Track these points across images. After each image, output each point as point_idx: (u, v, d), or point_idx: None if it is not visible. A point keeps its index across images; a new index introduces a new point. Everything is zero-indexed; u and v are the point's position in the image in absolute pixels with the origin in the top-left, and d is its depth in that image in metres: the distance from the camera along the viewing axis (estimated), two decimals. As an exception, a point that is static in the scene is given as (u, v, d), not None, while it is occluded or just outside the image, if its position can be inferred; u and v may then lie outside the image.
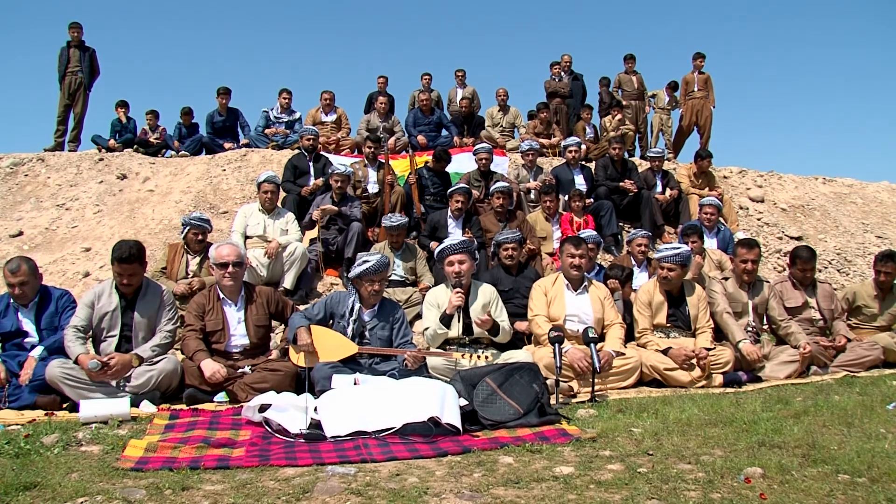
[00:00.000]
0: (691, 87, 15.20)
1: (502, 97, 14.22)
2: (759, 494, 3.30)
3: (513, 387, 5.00)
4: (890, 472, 3.63)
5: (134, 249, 5.75)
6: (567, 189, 10.73)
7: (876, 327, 8.02)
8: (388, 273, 6.31)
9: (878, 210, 15.23)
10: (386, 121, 13.12)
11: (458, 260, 6.38)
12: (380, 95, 13.62)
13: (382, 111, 13.17)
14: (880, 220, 14.68)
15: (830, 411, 5.16)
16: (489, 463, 3.88)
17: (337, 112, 13.38)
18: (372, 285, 6.09)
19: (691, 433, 4.54)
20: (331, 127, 13.10)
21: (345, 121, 13.40)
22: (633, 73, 15.63)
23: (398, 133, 13.08)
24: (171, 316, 6.13)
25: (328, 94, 13.39)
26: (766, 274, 10.41)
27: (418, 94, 14.07)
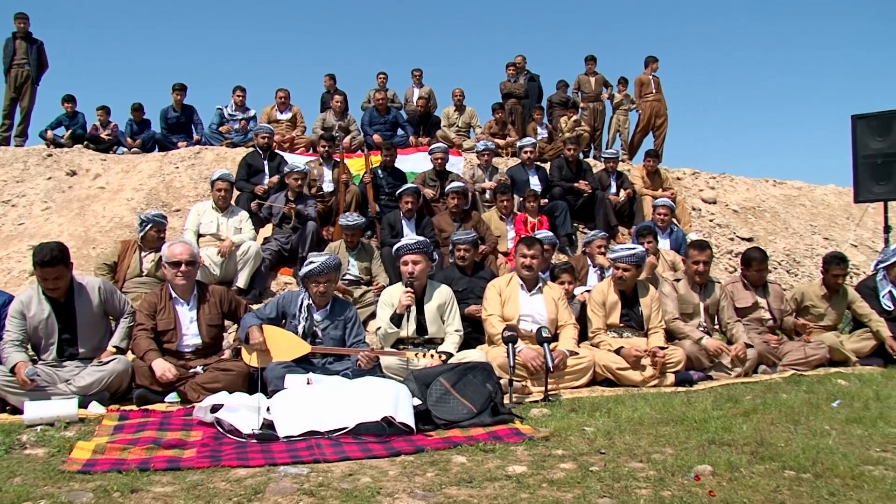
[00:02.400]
0: (648, 89, 15.34)
1: (458, 97, 14.25)
2: (708, 492, 3.35)
3: (466, 386, 5.01)
4: (833, 468, 3.73)
5: (56, 252, 5.53)
6: (522, 189, 10.77)
7: (822, 327, 8.17)
8: (335, 275, 6.22)
9: (825, 212, 15.54)
10: (341, 119, 13.06)
11: (413, 260, 6.38)
12: (334, 94, 13.56)
13: (338, 110, 13.11)
14: (827, 223, 14.97)
15: (778, 409, 5.26)
16: (442, 462, 3.89)
17: (292, 110, 13.30)
18: (317, 286, 6.04)
19: (643, 432, 4.59)
20: (286, 125, 13.00)
21: (300, 119, 13.32)
22: (593, 74, 15.74)
23: (354, 132, 13.03)
24: (120, 298, 6.12)
25: (283, 92, 13.29)
26: (717, 275, 10.56)
27: (374, 94, 14.05)
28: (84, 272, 7.57)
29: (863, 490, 3.43)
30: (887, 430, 4.63)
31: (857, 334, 8.12)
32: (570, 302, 7.31)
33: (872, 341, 7.93)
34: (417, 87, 15.41)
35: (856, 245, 13.88)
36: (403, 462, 3.93)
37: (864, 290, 8.40)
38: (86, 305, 5.84)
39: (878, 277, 8.41)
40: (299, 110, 13.42)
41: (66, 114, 13.41)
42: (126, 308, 6.13)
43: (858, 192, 10.51)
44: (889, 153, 10.06)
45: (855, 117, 10.37)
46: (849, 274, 10.31)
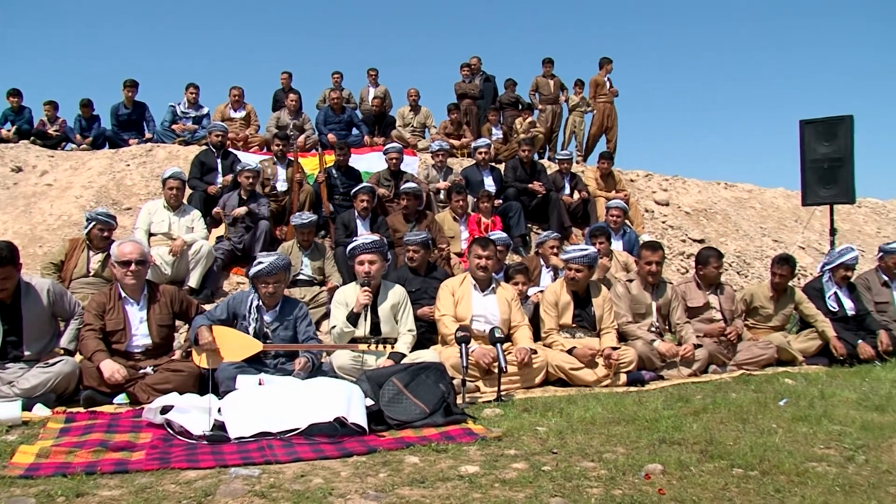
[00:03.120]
0: (602, 90, 15.46)
1: (413, 97, 14.25)
2: (658, 490, 3.39)
3: (419, 387, 5.01)
4: (779, 465, 3.80)
5: (5, 252, 5.42)
6: (476, 190, 10.79)
7: (771, 327, 8.31)
8: (285, 275, 6.19)
9: (774, 215, 15.80)
10: (296, 118, 12.99)
11: (369, 260, 6.35)
12: (290, 92, 13.48)
13: (293, 108, 13.04)
14: (777, 225, 15.22)
15: (727, 408, 5.33)
16: (395, 463, 3.88)
17: (246, 108, 13.19)
18: (266, 287, 6.00)
19: (595, 431, 4.62)
20: (239, 123, 12.90)
21: (254, 117, 13.22)
22: (551, 76, 15.81)
23: (308, 131, 12.96)
24: (70, 300, 6.03)
25: (237, 90, 13.16)
26: (669, 276, 10.67)
27: (329, 93, 13.99)
28: (30, 271, 7.44)
29: (807, 486, 3.51)
30: (831, 428, 4.72)
31: (804, 334, 8.27)
32: (524, 303, 7.34)
33: (818, 341, 8.08)
34: (373, 86, 15.38)
35: (803, 247, 14.14)
36: (356, 463, 3.91)
37: (811, 292, 8.55)
38: (33, 307, 5.72)
39: (824, 279, 8.57)
40: (253, 108, 13.33)
41: (12, 108, 13.17)
42: (76, 309, 6.03)
43: (806, 196, 10.67)
44: (835, 158, 10.23)
45: (803, 122, 10.53)
46: (797, 275, 10.50)
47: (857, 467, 3.87)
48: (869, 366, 7.57)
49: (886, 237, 15.75)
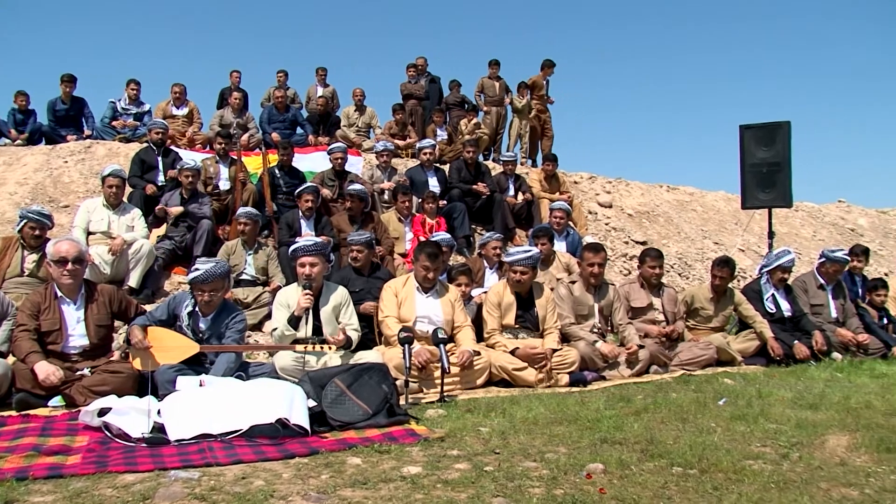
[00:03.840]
0: (539, 92, 15.57)
1: (359, 97, 14.23)
2: (599, 489, 3.41)
3: (362, 387, 4.98)
4: (717, 463, 3.86)
5: None
6: (421, 191, 10.80)
7: (711, 328, 8.46)
8: (223, 283, 6.04)
9: (715, 218, 16.06)
10: (240, 117, 12.85)
11: (310, 262, 6.28)
12: (234, 91, 13.34)
13: (236, 107, 12.90)
14: (717, 227, 15.48)
15: (668, 408, 5.39)
16: (337, 464, 3.86)
17: (188, 106, 13.00)
18: (202, 295, 5.88)
19: (537, 432, 4.64)
20: (182, 121, 12.72)
21: (196, 115, 13.04)
22: (497, 78, 15.87)
23: (252, 130, 12.83)
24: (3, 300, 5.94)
25: (179, 87, 12.98)
26: (612, 277, 10.77)
27: (273, 91, 13.88)
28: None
29: (743, 483, 3.57)
30: (767, 426, 4.81)
31: (743, 335, 8.42)
32: (467, 303, 7.35)
33: (756, 342, 8.24)
34: (322, 86, 15.29)
35: (743, 250, 14.40)
36: (298, 464, 3.87)
37: (750, 293, 8.71)
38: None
39: (763, 281, 8.73)
40: (196, 106, 13.15)
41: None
42: (10, 310, 5.89)
43: (745, 199, 10.85)
44: (773, 163, 10.43)
45: (743, 127, 10.71)
46: (736, 277, 10.69)
47: (792, 464, 3.96)
48: (804, 365, 7.74)
49: (822, 240, 16.11)
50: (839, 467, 3.91)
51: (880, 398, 5.82)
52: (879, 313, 9.45)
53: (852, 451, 4.22)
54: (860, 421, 4.98)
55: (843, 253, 9.11)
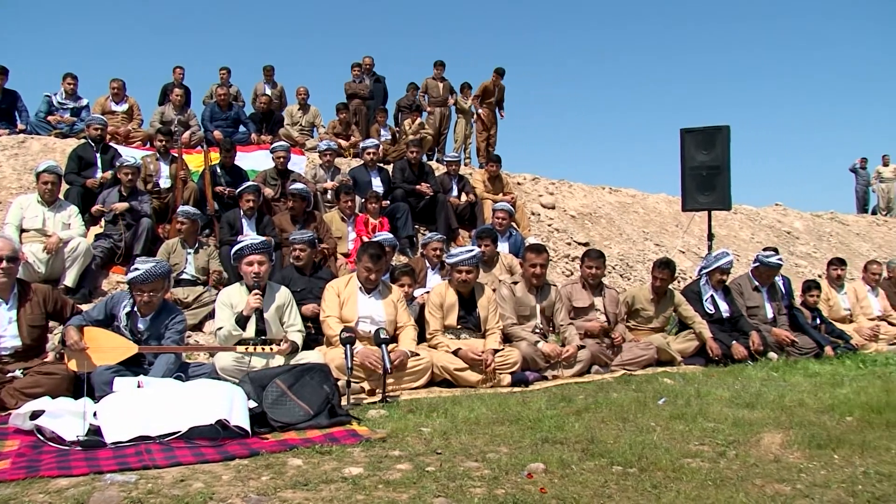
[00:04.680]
0: (489, 97, 15.63)
1: (302, 96, 14.12)
2: (540, 489, 3.43)
3: (303, 388, 4.95)
4: (656, 462, 3.92)
5: None
6: (364, 190, 10.77)
7: (651, 329, 8.57)
8: (162, 283, 5.91)
9: (657, 220, 16.27)
10: (181, 114, 12.65)
11: (258, 261, 6.20)
12: (175, 87, 13.13)
13: (178, 103, 12.70)
14: (658, 229, 15.68)
15: (609, 408, 5.45)
16: (278, 465, 3.83)
17: (128, 102, 12.71)
18: (141, 295, 5.75)
19: (479, 432, 4.66)
20: (121, 117, 12.43)
21: (136, 111, 12.76)
22: (441, 79, 15.89)
23: (193, 127, 12.64)
24: None
25: (117, 83, 12.68)
26: (554, 278, 10.85)
27: (216, 89, 13.70)
28: None
29: (681, 481, 3.63)
30: (705, 425, 4.89)
31: (682, 335, 8.55)
32: (410, 304, 7.34)
33: (696, 342, 8.36)
34: (269, 84, 15.16)
35: (683, 251, 14.61)
36: (238, 466, 3.83)
37: (689, 294, 8.84)
38: None
39: (702, 282, 8.87)
40: (136, 102, 12.85)
41: None
42: None
43: (686, 202, 11.01)
44: (713, 166, 10.60)
45: (683, 131, 10.87)
46: (676, 279, 10.84)
47: (728, 462, 4.03)
48: (742, 365, 7.88)
49: (759, 242, 16.42)
50: (773, 464, 4.01)
51: (813, 396, 5.96)
52: (812, 314, 9.68)
53: (786, 448, 4.33)
54: (793, 419, 5.10)
55: (777, 258, 9.28)
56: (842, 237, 19.43)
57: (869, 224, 21.65)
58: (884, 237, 20.71)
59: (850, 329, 10.02)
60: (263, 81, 15.27)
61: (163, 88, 14.41)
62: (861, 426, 4.92)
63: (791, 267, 15.27)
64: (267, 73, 15.30)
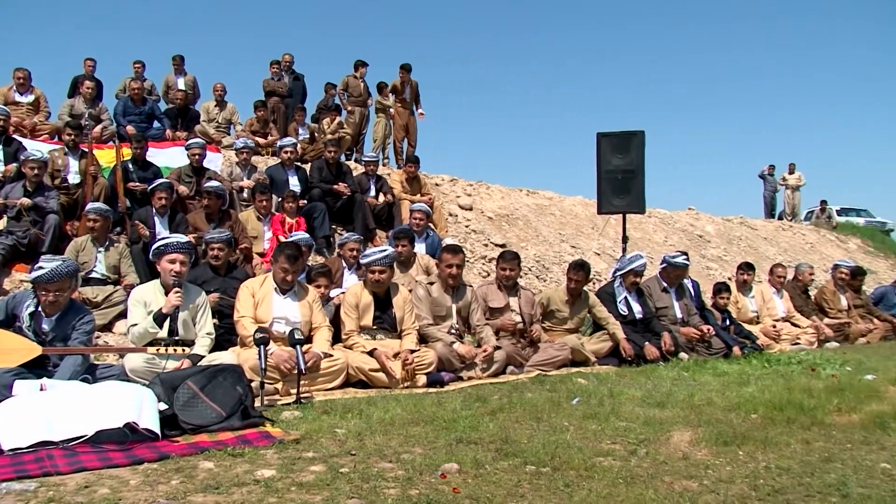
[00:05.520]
0: (400, 93, 15.62)
1: (219, 92, 13.90)
2: (453, 489, 3.44)
3: (216, 389, 4.86)
4: (569, 461, 3.97)
5: None
6: (281, 189, 10.66)
7: (566, 329, 8.67)
8: (69, 283, 5.70)
9: (573, 222, 16.49)
10: (92, 107, 12.26)
11: (181, 260, 6.07)
12: (86, 80, 12.75)
13: (88, 96, 12.30)
14: (575, 232, 15.89)
15: (523, 408, 5.50)
16: (188, 469, 3.75)
17: (34, 93, 12.25)
18: (46, 295, 5.53)
19: (394, 432, 4.65)
20: (26, 108, 11.99)
21: (43, 103, 12.31)
22: (362, 78, 15.81)
23: (105, 121, 12.28)
24: None
25: (22, 73, 12.17)
26: (471, 279, 10.89)
27: (129, 82, 13.34)
28: None
29: (593, 480, 3.68)
30: (617, 424, 4.97)
31: (596, 336, 8.68)
32: (326, 304, 7.29)
33: (609, 343, 8.50)
34: (179, 75, 14.84)
35: (598, 253, 14.83)
36: (146, 470, 3.75)
37: (604, 296, 8.98)
38: None
39: (616, 284, 9.02)
40: (43, 94, 12.39)
41: None
42: None
43: (601, 205, 11.15)
44: (628, 170, 10.75)
45: (599, 135, 10.99)
46: (592, 280, 11.00)
47: (639, 460, 4.11)
48: (654, 365, 8.03)
49: (672, 245, 16.78)
50: (682, 461, 4.10)
51: (721, 395, 6.11)
52: (723, 315, 9.95)
53: (694, 446, 4.43)
54: (702, 417, 5.23)
55: (683, 258, 9.51)
56: (750, 241, 20.02)
57: (776, 229, 22.38)
58: (789, 242, 21.43)
59: (757, 330, 10.34)
60: (174, 72, 14.95)
61: (73, 81, 13.92)
62: (764, 423, 5.08)
63: (702, 270, 15.66)
64: (176, 62, 14.94)
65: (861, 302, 12.70)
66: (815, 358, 8.63)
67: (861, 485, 3.68)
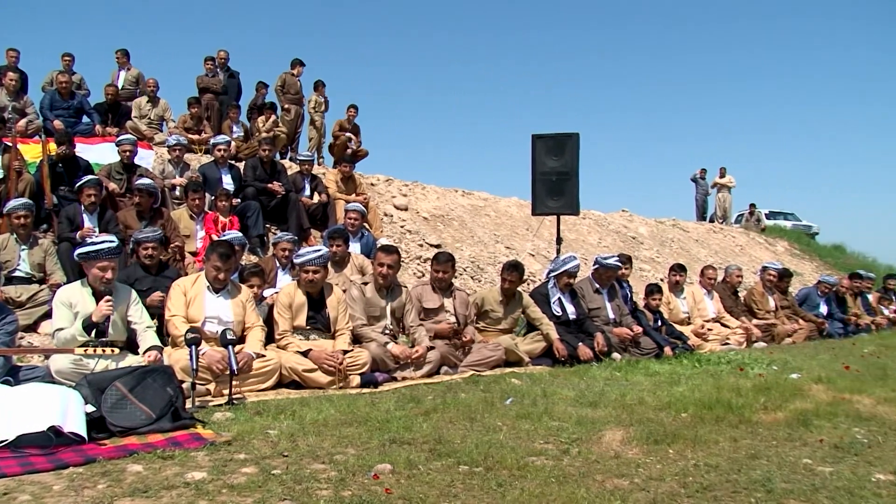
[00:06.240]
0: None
1: (152, 88, 13.67)
2: (385, 489, 3.43)
3: (145, 391, 4.77)
4: (502, 461, 3.99)
5: None
6: (214, 188, 10.52)
7: (500, 330, 8.70)
8: None
9: (508, 223, 16.59)
10: (16, 100, 11.95)
11: (112, 266, 5.86)
12: (9, 71, 12.39)
13: (12, 88, 11.96)
14: (509, 232, 16.00)
15: (457, 408, 5.51)
16: (116, 472, 3.68)
17: (-50, 85, 11.92)
18: None
19: (327, 433, 4.62)
20: (-60, 101, 11.66)
21: (-38, 96, 11.99)
22: (298, 77, 15.69)
23: (31, 115, 11.97)
24: None
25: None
26: (406, 280, 10.90)
27: (56, 76, 13.01)
28: None
29: (526, 479, 3.71)
30: (550, 424, 5.02)
31: (530, 337, 8.74)
32: (259, 304, 7.22)
33: (543, 343, 8.56)
34: (123, 69, 14.54)
35: (533, 254, 14.96)
36: (71, 475, 3.66)
37: (537, 297, 9.04)
38: None
39: (550, 285, 9.09)
40: (-39, 86, 12.08)
41: None
42: None
43: (535, 206, 11.23)
44: (562, 171, 10.85)
45: (535, 137, 11.06)
46: (526, 281, 11.08)
47: (571, 459, 4.16)
48: (587, 366, 8.11)
49: (606, 247, 17.02)
50: (613, 460, 4.16)
51: (652, 395, 6.22)
52: (654, 316, 10.11)
53: (625, 445, 4.50)
54: (633, 416, 5.31)
55: (614, 259, 9.64)
56: (682, 243, 20.40)
57: (707, 231, 22.84)
58: (720, 244, 21.90)
59: (688, 330, 10.54)
60: (117, 68, 14.63)
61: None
62: (694, 422, 5.18)
63: (636, 271, 15.89)
64: (120, 56, 14.63)
65: (788, 303, 13.08)
66: (744, 358, 8.86)
67: (785, 480, 3.79)
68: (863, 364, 8.64)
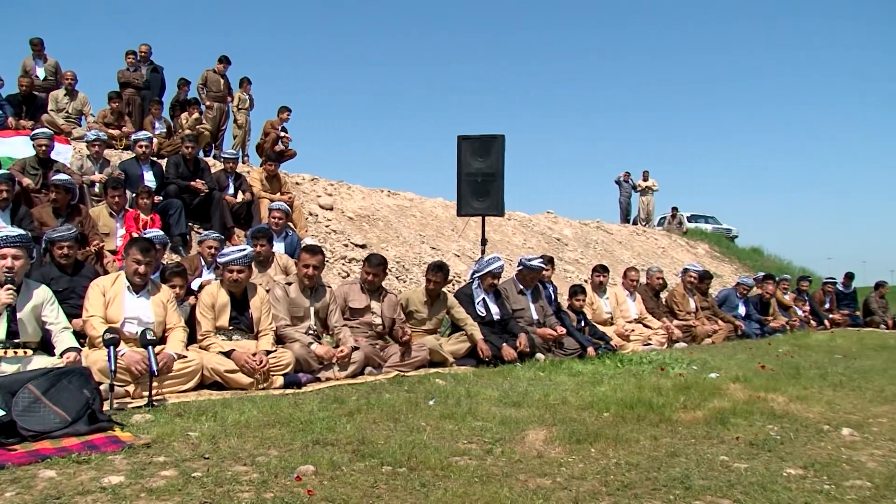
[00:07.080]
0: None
1: (70, 81, 13.32)
2: (307, 491, 3.41)
3: (60, 393, 4.64)
4: (426, 461, 4.00)
5: None
6: (135, 185, 10.32)
7: (425, 330, 8.72)
8: None
9: (433, 223, 16.64)
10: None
11: (13, 255, 5.69)
12: None
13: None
14: (435, 233, 16.05)
15: (381, 408, 5.50)
16: (26, 479, 3.56)
17: None
18: None
19: (249, 435, 4.57)
20: None
21: None
22: (223, 74, 15.49)
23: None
24: None
25: None
26: (330, 280, 10.84)
27: (-36, 67, 12.64)
28: None
29: (450, 479, 3.73)
30: (474, 424, 5.05)
31: (455, 337, 8.77)
32: (181, 304, 7.10)
33: (467, 343, 8.60)
34: (39, 59, 14.11)
35: (458, 255, 15.03)
36: (-23, 482, 3.54)
37: (462, 297, 9.09)
38: None
39: (474, 286, 9.15)
40: None
41: None
42: None
43: (461, 207, 11.28)
44: (488, 173, 10.92)
45: (460, 138, 11.11)
46: (451, 281, 11.12)
47: (495, 459, 4.19)
48: (511, 366, 8.17)
49: (531, 248, 17.20)
50: (536, 459, 4.20)
51: (575, 394, 6.30)
52: (578, 317, 10.25)
53: (548, 444, 4.55)
54: (556, 416, 5.37)
55: (538, 261, 9.75)
56: (606, 245, 20.73)
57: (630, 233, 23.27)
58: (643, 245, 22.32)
59: (611, 331, 10.72)
60: (32, 57, 14.19)
61: None
62: (616, 421, 5.26)
63: (560, 272, 16.09)
64: (35, 46, 14.15)
65: (707, 304, 13.40)
66: (665, 358, 9.04)
67: (702, 477, 3.88)
68: (777, 363, 8.90)
